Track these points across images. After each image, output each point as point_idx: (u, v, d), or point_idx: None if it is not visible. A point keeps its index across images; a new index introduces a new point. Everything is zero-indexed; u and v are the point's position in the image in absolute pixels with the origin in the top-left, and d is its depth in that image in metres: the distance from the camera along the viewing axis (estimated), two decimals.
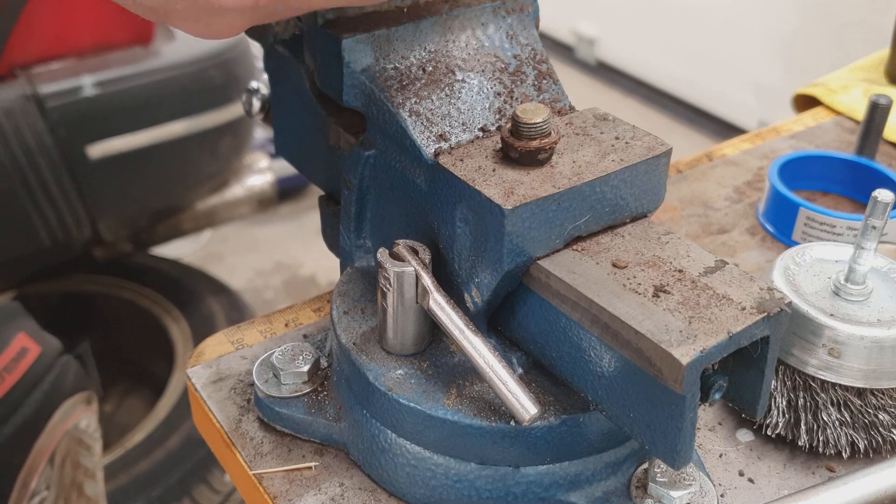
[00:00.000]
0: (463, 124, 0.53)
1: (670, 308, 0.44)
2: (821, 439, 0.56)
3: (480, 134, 0.53)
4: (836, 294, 0.58)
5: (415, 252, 0.52)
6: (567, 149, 0.51)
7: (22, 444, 1.02)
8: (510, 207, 0.46)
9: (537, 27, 0.59)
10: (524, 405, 0.47)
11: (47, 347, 1.08)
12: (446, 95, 0.54)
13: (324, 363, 0.59)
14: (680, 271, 0.47)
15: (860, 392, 0.56)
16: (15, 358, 1.03)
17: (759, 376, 0.46)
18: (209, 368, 0.64)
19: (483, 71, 0.56)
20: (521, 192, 0.47)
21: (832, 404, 0.56)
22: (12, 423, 1.01)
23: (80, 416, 1.10)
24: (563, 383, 0.51)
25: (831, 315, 0.56)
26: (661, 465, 0.51)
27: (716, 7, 3.05)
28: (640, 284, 0.46)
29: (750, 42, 2.97)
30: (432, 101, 0.53)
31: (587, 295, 0.46)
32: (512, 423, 0.49)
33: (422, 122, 0.52)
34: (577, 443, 0.50)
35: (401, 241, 0.52)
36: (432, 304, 0.50)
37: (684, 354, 0.41)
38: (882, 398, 0.56)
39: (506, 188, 0.47)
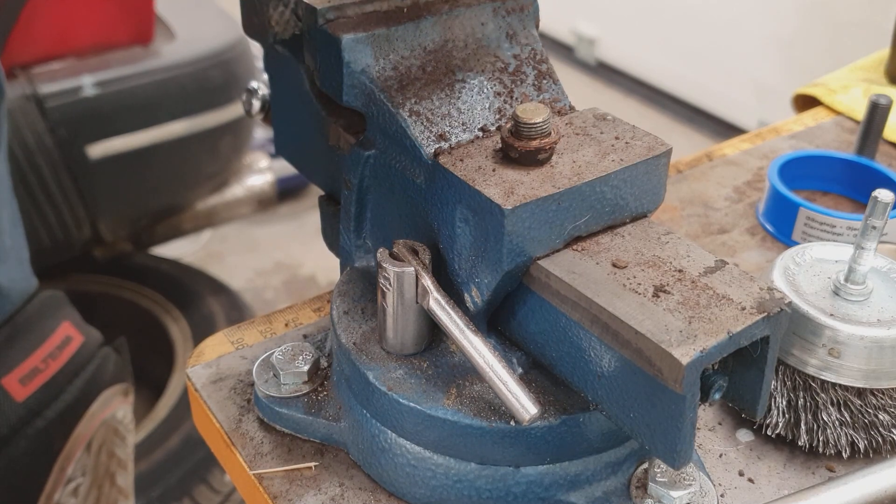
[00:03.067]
0: (463, 124, 0.53)
1: (670, 308, 0.44)
2: (821, 439, 0.56)
3: (480, 134, 0.53)
4: (836, 294, 0.58)
5: (415, 252, 0.52)
6: (567, 149, 0.51)
7: (62, 430, 1.04)
8: (510, 207, 0.46)
9: (537, 27, 0.59)
10: (524, 405, 0.47)
11: (90, 338, 1.10)
12: (446, 95, 0.54)
13: (324, 363, 0.59)
14: (680, 271, 0.47)
15: (860, 392, 0.56)
16: (59, 346, 1.04)
17: (759, 376, 0.46)
18: (209, 368, 0.64)
19: (483, 71, 0.56)
20: (521, 192, 0.47)
21: (832, 404, 0.56)
22: (54, 409, 1.02)
23: (117, 407, 1.11)
24: (563, 383, 0.51)
25: (831, 315, 0.56)
26: (661, 465, 0.51)
27: (716, 7, 3.05)
28: (640, 284, 0.46)
29: (750, 42, 2.97)
30: (432, 101, 0.53)
31: (587, 295, 0.46)
32: (512, 423, 0.49)
33: (422, 122, 0.52)
34: (577, 443, 0.50)
35: (401, 241, 0.52)
36: (432, 304, 0.50)
37: (684, 354, 0.41)
38: (882, 398, 0.56)
39: (506, 188, 0.47)
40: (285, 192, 2.46)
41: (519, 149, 0.49)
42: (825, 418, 0.56)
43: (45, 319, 1.04)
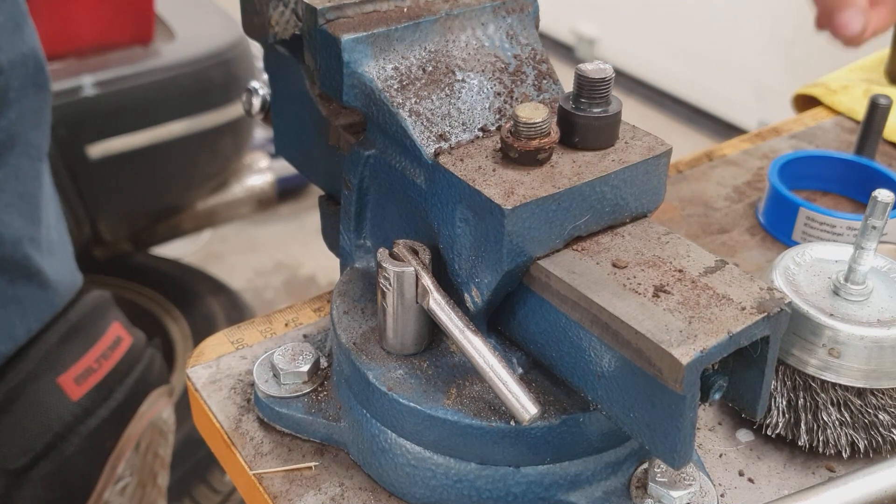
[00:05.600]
0: (463, 124, 0.53)
1: (670, 308, 0.44)
2: (821, 439, 0.57)
3: (480, 134, 0.53)
4: (836, 294, 0.58)
5: (415, 252, 0.52)
6: (567, 148, 0.51)
7: (114, 429, 1.05)
8: (510, 207, 0.46)
9: (537, 27, 0.59)
10: (524, 405, 0.47)
11: (137, 339, 1.11)
12: (446, 95, 0.54)
13: (324, 363, 0.59)
14: (680, 271, 0.47)
15: (860, 392, 0.56)
16: (111, 346, 1.05)
17: (759, 376, 0.46)
18: (209, 368, 0.64)
19: (483, 71, 0.56)
20: (521, 192, 0.47)
21: (832, 404, 0.56)
22: (107, 408, 1.03)
23: (162, 408, 1.12)
24: (563, 383, 0.51)
25: (831, 315, 0.56)
26: (661, 465, 0.51)
27: (716, 7, 3.05)
28: (640, 284, 0.46)
29: (750, 42, 2.97)
30: (432, 101, 0.53)
31: (587, 295, 0.46)
32: (512, 423, 0.49)
33: (422, 122, 0.52)
34: (577, 443, 0.50)
35: (401, 241, 0.52)
36: (432, 304, 0.50)
37: (684, 354, 0.41)
38: (882, 398, 0.56)
39: (506, 188, 0.47)
40: (285, 192, 2.46)
41: (518, 149, 0.49)
42: (825, 418, 0.56)
43: (97, 320, 1.05)
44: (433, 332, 0.54)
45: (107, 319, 1.06)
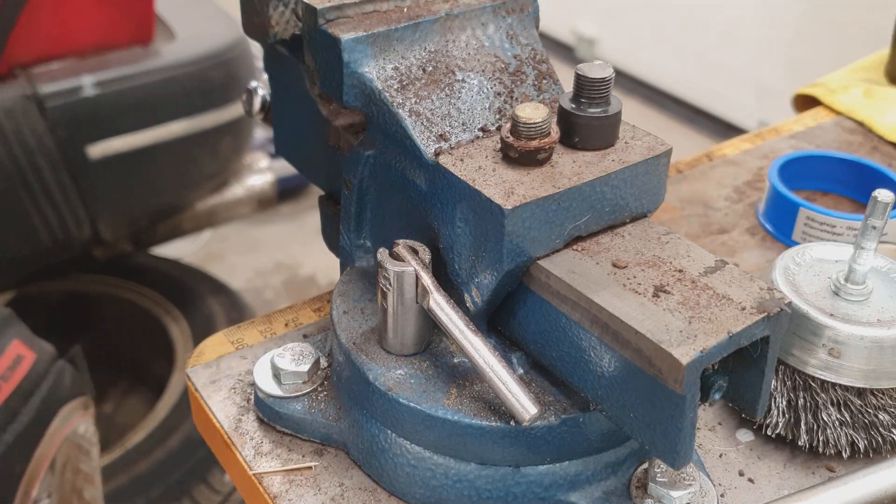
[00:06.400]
0: (463, 124, 0.53)
1: (670, 308, 0.44)
2: (821, 439, 0.56)
3: (480, 134, 0.53)
4: (836, 294, 0.58)
5: (415, 252, 0.52)
6: (567, 148, 0.51)
7: (22, 452, 1.01)
8: (510, 207, 0.46)
9: (537, 27, 0.59)
10: (524, 405, 0.47)
11: (42, 353, 1.07)
12: (446, 95, 0.54)
13: (324, 363, 0.59)
14: (680, 271, 0.47)
15: (860, 392, 0.56)
16: (10, 366, 1.02)
17: (760, 376, 0.46)
18: (209, 368, 0.64)
19: (483, 71, 0.56)
20: (521, 192, 0.47)
21: (832, 404, 0.56)
22: (11, 431, 1.00)
23: (78, 422, 1.09)
24: (563, 383, 0.51)
25: (831, 315, 0.56)
26: (661, 465, 0.51)
27: (716, 7, 3.05)
28: (640, 284, 0.46)
29: (750, 42, 2.97)
30: (432, 101, 0.53)
31: (587, 295, 0.46)
32: (512, 423, 0.49)
33: (422, 122, 0.52)
34: (577, 443, 0.50)
35: (401, 241, 0.52)
36: (432, 304, 0.50)
37: (684, 354, 0.41)
38: (882, 398, 0.56)
39: (506, 188, 0.47)
40: (285, 192, 2.46)
41: (518, 149, 0.49)
42: (825, 418, 0.56)
43: None
44: (433, 332, 0.54)
45: (5, 338, 1.02)
